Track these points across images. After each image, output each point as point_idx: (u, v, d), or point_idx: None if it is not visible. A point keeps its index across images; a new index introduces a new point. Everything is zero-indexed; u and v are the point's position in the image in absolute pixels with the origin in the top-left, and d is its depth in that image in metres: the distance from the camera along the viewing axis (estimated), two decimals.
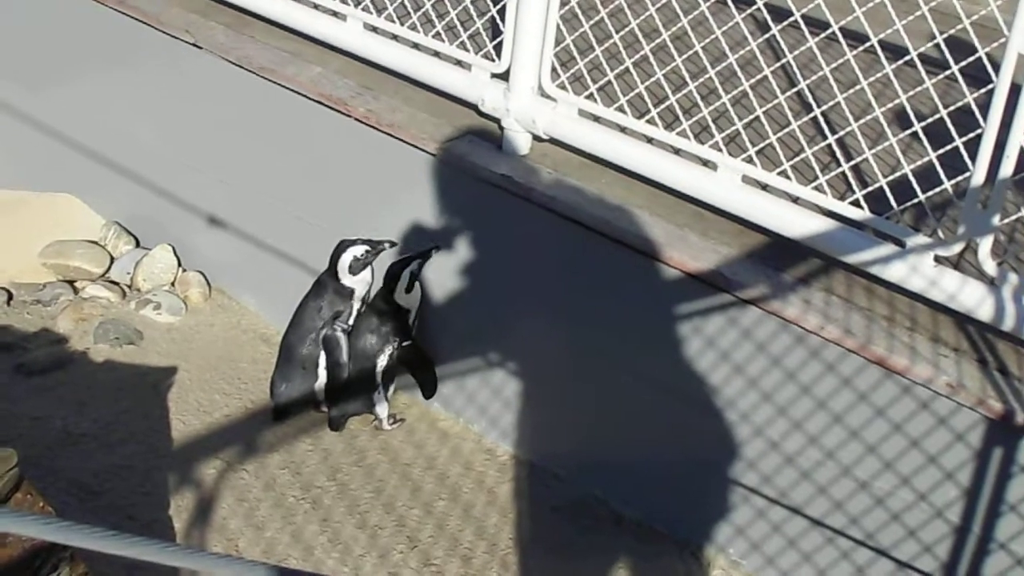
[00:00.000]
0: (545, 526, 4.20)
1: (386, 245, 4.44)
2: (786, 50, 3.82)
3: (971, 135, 3.35)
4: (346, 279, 4.49)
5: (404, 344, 4.51)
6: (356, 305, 4.53)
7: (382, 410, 4.58)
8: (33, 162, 6.01)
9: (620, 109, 4.09)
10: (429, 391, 4.63)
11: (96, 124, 5.69)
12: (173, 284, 5.46)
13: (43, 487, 3.71)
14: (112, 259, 5.61)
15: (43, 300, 5.32)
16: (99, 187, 5.77)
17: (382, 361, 4.51)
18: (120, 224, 5.73)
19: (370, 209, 4.67)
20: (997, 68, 3.27)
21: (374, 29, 4.74)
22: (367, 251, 4.43)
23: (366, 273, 4.48)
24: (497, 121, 4.37)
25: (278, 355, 4.68)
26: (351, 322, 4.53)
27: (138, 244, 5.70)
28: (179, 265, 5.52)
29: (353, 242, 4.45)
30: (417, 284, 4.47)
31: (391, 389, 4.61)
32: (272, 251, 5.10)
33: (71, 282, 5.50)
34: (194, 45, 5.12)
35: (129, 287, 5.48)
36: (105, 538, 1.45)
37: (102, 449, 4.37)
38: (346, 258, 4.45)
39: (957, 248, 3.46)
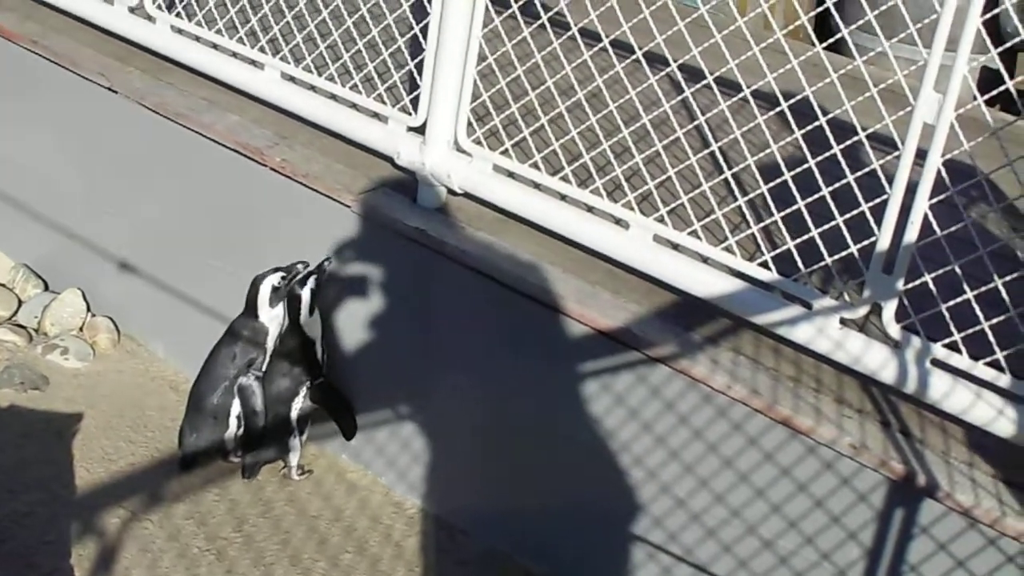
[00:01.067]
0: None
1: (299, 267, 4.41)
2: (699, 111, 3.87)
3: (877, 200, 3.41)
4: (265, 314, 4.46)
5: (316, 382, 4.48)
6: (270, 348, 4.49)
7: (294, 457, 4.56)
8: None
9: (535, 165, 4.11)
10: (349, 430, 4.59)
11: (6, 164, 5.63)
12: (81, 329, 5.40)
13: None
14: (20, 302, 5.53)
15: None
16: (8, 229, 5.70)
17: (297, 404, 4.48)
18: (28, 267, 5.66)
19: (284, 258, 4.63)
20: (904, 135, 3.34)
21: (292, 79, 4.74)
22: (283, 277, 4.40)
23: (279, 309, 4.45)
24: (412, 174, 4.38)
25: (187, 404, 4.63)
26: (264, 368, 4.50)
27: (47, 287, 5.63)
28: (88, 310, 5.45)
29: (266, 274, 4.43)
30: (316, 310, 4.45)
31: (305, 434, 4.58)
32: (183, 298, 5.06)
33: None
34: (109, 89, 5.09)
35: (36, 331, 5.41)
36: None
37: (4, 496, 4.29)
38: (264, 290, 4.42)
39: (862, 311, 3.51)
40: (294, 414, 4.50)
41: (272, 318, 4.47)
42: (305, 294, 4.37)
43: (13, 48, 5.40)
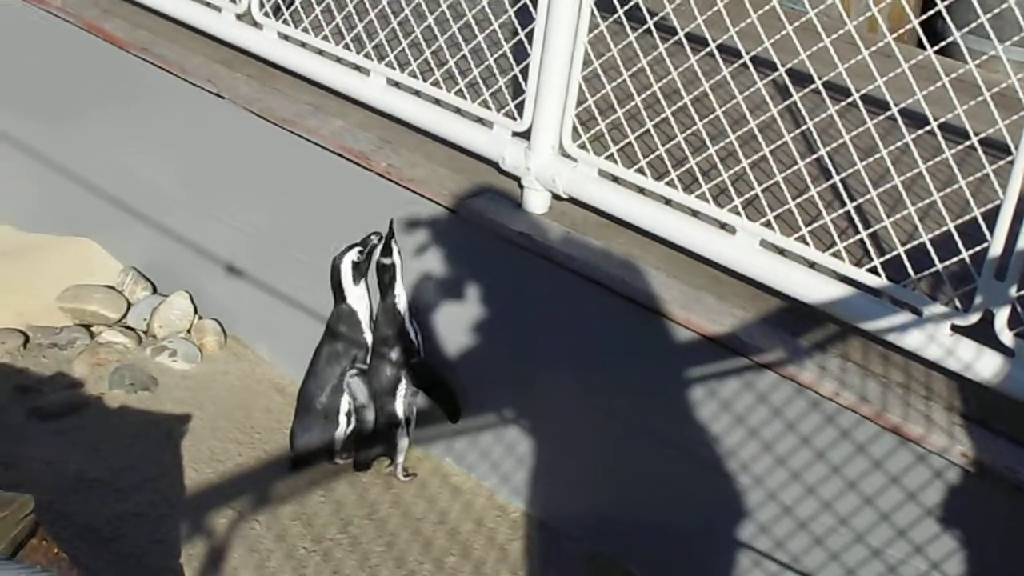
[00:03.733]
0: None
1: (373, 239, 4.45)
2: (805, 115, 3.84)
3: (990, 205, 3.37)
4: (351, 294, 4.52)
5: (414, 363, 4.51)
6: (368, 338, 4.53)
7: (401, 455, 4.60)
8: (52, 205, 6.05)
9: (639, 170, 4.11)
10: (452, 413, 4.59)
11: (116, 169, 5.73)
12: (189, 331, 5.48)
13: (56, 532, 3.72)
14: (129, 305, 5.64)
15: (59, 344, 5.34)
16: (117, 232, 5.80)
17: (401, 391, 4.52)
18: (138, 270, 5.76)
19: None
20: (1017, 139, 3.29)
21: (397, 84, 4.78)
22: (360, 251, 4.45)
23: (363, 287, 4.50)
24: (517, 179, 4.39)
25: (297, 405, 4.69)
26: (368, 361, 4.54)
27: (155, 290, 5.72)
28: (195, 312, 5.54)
29: (343, 252, 4.50)
30: (400, 284, 4.48)
31: (411, 428, 4.61)
32: (288, 301, 5.12)
33: (88, 326, 5.52)
34: (217, 95, 5.16)
35: (145, 333, 5.50)
36: None
37: (115, 495, 4.38)
38: (346, 268, 4.49)
39: (974, 318, 3.46)
40: (399, 404, 4.51)
41: (359, 297, 4.52)
42: (396, 259, 4.42)
43: (124, 56, 5.50)
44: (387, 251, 4.40)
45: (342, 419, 4.61)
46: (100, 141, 5.81)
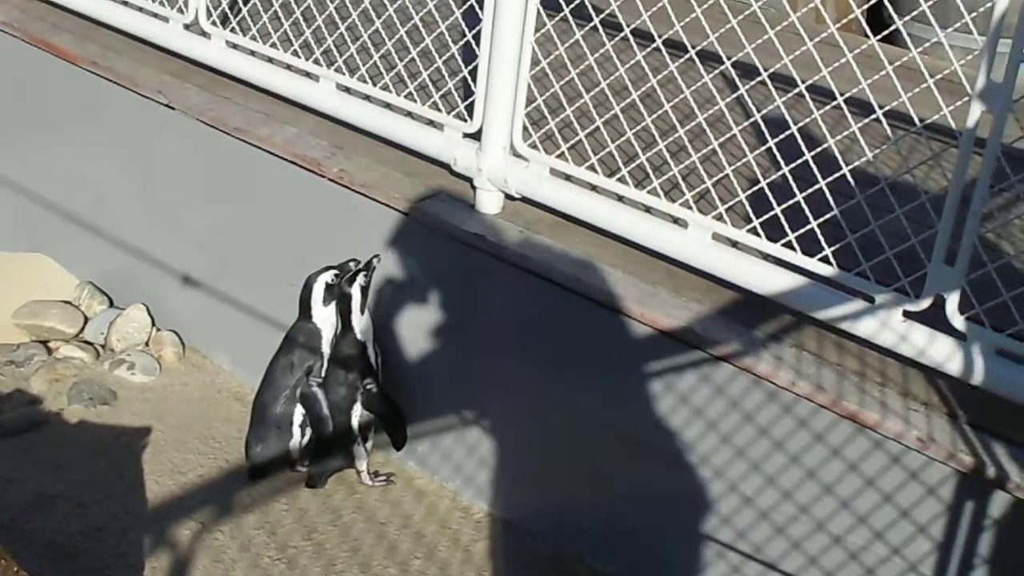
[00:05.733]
0: None
1: (351, 265, 4.43)
2: (754, 107, 3.86)
3: (937, 191, 3.39)
4: (319, 314, 4.48)
5: (369, 387, 4.50)
6: (327, 352, 4.52)
7: (362, 463, 4.58)
8: (5, 222, 6.02)
9: (591, 168, 4.12)
10: (398, 442, 4.60)
11: (69, 184, 5.70)
12: (147, 344, 5.46)
13: (17, 551, 3.69)
14: (86, 319, 5.61)
15: (16, 361, 5.31)
16: (72, 247, 5.77)
17: (356, 411, 4.51)
18: (94, 284, 5.73)
19: None
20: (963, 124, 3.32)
21: (347, 89, 4.77)
22: (336, 275, 4.43)
23: (332, 308, 4.47)
24: (469, 180, 4.40)
25: (251, 415, 4.67)
26: (323, 374, 4.53)
27: (112, 304, 5.70)
28: (153, 324, 5.52)
29: (319, 273, 4.46)
30: (367, 311, 4.47)
31: (370, 441, 4.60)
32: (246, 310, 5.10)
33: (45, 343, 5.49)
34: (167, 106, 5.15)
35: (103, 347, 5.48)
36: None
37: (76, 511, 4.34)
38: (318, 288, 4.46)
39: (925, 304, 3.49)
40: (355, 422, 4.52)
41: (325, 318, 4.49)
42: (355, 292, 4.40)
43: (73, 69, 5.48)
44: (351, 281, 4.39)
45: (296, 430, 4.59)
46: (52, 156, 5.78)
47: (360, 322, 4.45)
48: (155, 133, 5.31)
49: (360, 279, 4.39)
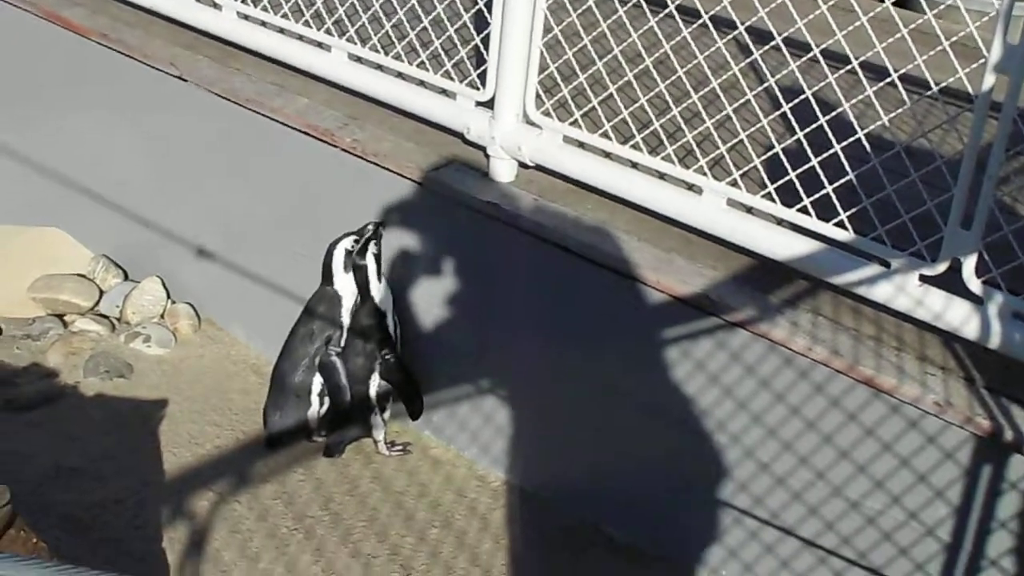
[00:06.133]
0: (538, 551, 4.21)
1: (370, 228, 4.43)
2: (768, 72, 3.84)
3: (953, 155, 3.38)
4: (339, 280, 4.49)
5: (387, 357, 4.51)
6: (346, 322, 4.52)
7: (379, 432, 4.59)
8: (20, 197, 6.01)
9: (605, 135, 4.11)
10: (414, 412, 4.62)
11: (82, 157, 5.70)
12: (162, 316, 5.46)
13: (35, 523, 3.70)
14: (101, 292, 5.61)
15: (32, 335, 5.32)
16: (87, 221, 5.77)
17: (374, 381, 4.52)
18: (108, 257, 5.73)
19: None
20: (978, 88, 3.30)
21: (359, 59, 4.76)
22: (355, 240, 4.42)
23: (352, 277, 4.47)
24: (483, 149, 4.39)
25: (270, 384, 4.69)
26: (343, 344, 4.53)
27: (127, 277, 5.70)
28: (168, 297, 5.52)
29: (339, 239, 4.46)
30: (386, 282, 4.48)
31: (387, 411, 4.61)
32: (260, 281, 5.10)
33: (60, 316, 5.49)
34: (179, 78, 5.14)
35: (118, 320, 5.48)
36: None
37: (94, 483, 4.36)
38: (338, 254, 4.46)
39: (941, 268, 3.48)
40: (373, 391, 4.53)
41: (346, 284, 4.49)
42: (369, 261, 4.40)
43: (85, 43, 5.47)
44: (363, 252, 4.39)
45: (314, 399, 4.61)
46: (64, 129, 5.78)
47: (379, 291, 4.45)
48: (167, 105, 5.31)
49: (371, 248, 4.39)
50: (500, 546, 4.20)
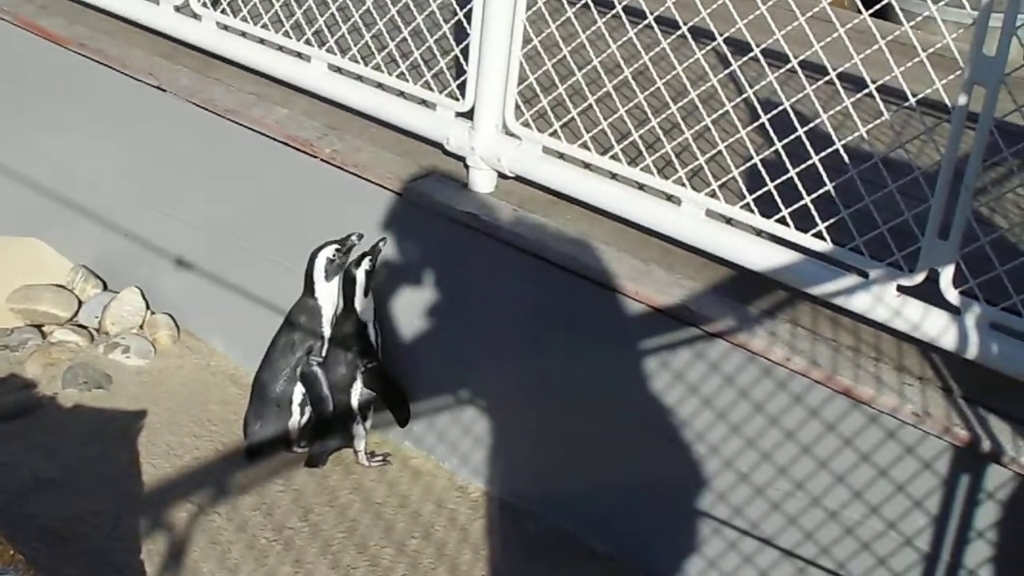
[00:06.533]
0: (518, 562, 4.21)
1: (353, 238, 4.43)
2: (747, 84, 3.85)
3: (930, 165, 3.39)
4: (321, 289, 4.48)
5: (370, 366, 4.50)
6: (327, 332, 4.52)
7: (360, 443, 4.59)
8: None
9: (584, 145, 4.11)
10: (401, 419, 4.61)
11: (61, 167, 5.68)
12: (142, 327, 5.45)
13: (12, 534, 3.69)
14: (80, 303, 5.59)
15: (10, 345, 5.30)
16: (65, 231, 5.76)
17: (356, 390, 4.51)
18: (87, 268, 5.72)
19: None
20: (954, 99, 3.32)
21: (339, 70, 4.76)
22: (337, 249, 4.42)
23: (335, 284, 4.47)
24: (463, 160, 4.39)
25: (251, 394, 4.68)
26: (324, 354, 4.53)
27: (106, 287, 5.68)
28: (147, 308, 5.50)
29: (321, 247, 4.45)
30: (370, 293, 4.47)
31: (368, 420, 4.61)
32: (240, 292, 5.10)
33: (39, 327, 5.47)
34: (158, 88, 5.13)
35: (97, 331, 5.47)
36: None
37: (72, 495, 4.34)
38: (320, 263, 4.45)
39: (919, 278, 3.49)
40: (354, 401, 4.52)
41: (328, 294, 4.49)
42: (360, 275, 4.40)
43: (63, 52, 5.46)
44: (357, 264, 4.40)
45: (295, 409, 4.60)
46: (43, 139, 5.77)
47: (362, 303, 4.45)
48: (146, 115, 5.30)
49: (365, 263, 4.39)
50: (480, 557, 4.20)
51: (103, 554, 4.06)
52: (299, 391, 4.57)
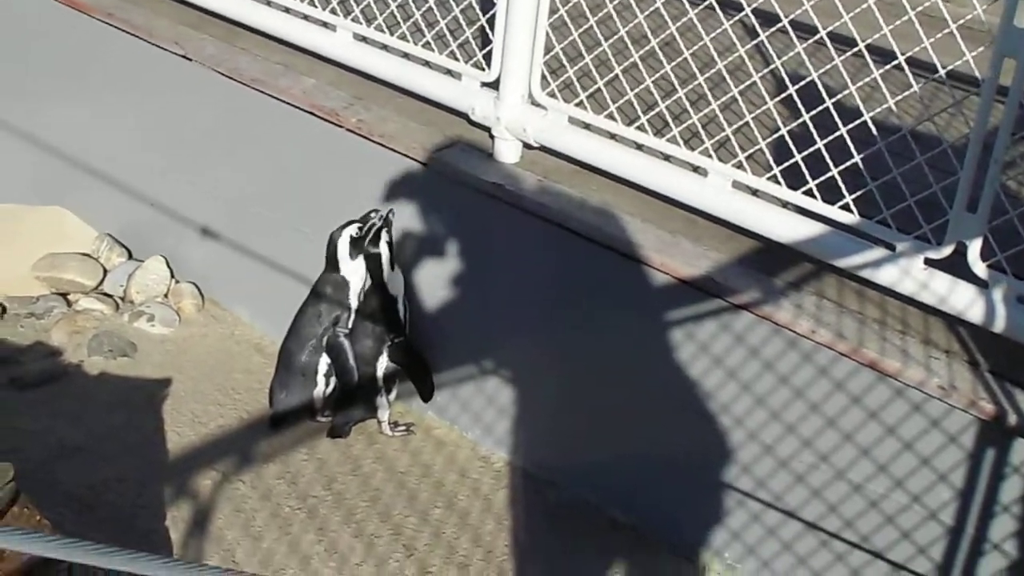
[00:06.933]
0: (541, 533, 4.22)
1: (373, 216, 4.43)
2: (774, 55, 3.84)
3: (958, 138, 3.37)
4: (346, 268, 4.49)
5: (396, 340, 4.51)
6: (353, 304, 4.53)
7: (384, 413, 4.60)
8: (24, 176, 6.01)
9: (610, 116, 4.11)
10: (426, 393, 4.63)
11: (86, 136, 5.69)
12: (166, 295, 5.46)
13: (39, 500, 3.69)
14: (105, 271, 5.61)
15: (37, 313, 5.32)
16: (91, 200, 5.77)
17: (382, 363, 4.52)
18: (112, 236, 5.73)
19: None
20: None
21: (364, 39, 4.76)
22: (359, 227, 4.42)
23: (360, 262, 4.47)
24: (488, 130, 4.38)
25: (277, 363, 4.69)
26: (350, 325, 4.54)
27: (131, 256, 5.70)
28: (172, 276, 5.52)
29: (343, 227, 4.46)
30: (396, 266, 4.48)
31: (393, 392, 4.62)
32: (265, 261, 5.10)
33: (64, 295, 5.50)
34: (184, 57, 5.13)
35: (122, 299, 5.48)
36: (106, 554, 1.46)
37: (98, 462, 4.36)
38: (343, 243, 4.46)
39: (946, 251, 3.48)
40: (380, 374, 4.54)
41: (353, 271, 4.49)
42: (383, 250, 4.40)
43: (89, 21, 5.46)
44: (375, 241, 4.39)
45: (320, 379, 4.62)
46: (69, 108, 5.77)
47: (391, 277, 4.46)
48: (172, 85, 5.30)
49: (384, 235, 4.39)
50: (503, 527, 4.21)
51: (128, 520, 4.08)
52: (324, 361, 4.58)
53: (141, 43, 5.30)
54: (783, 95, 3.80)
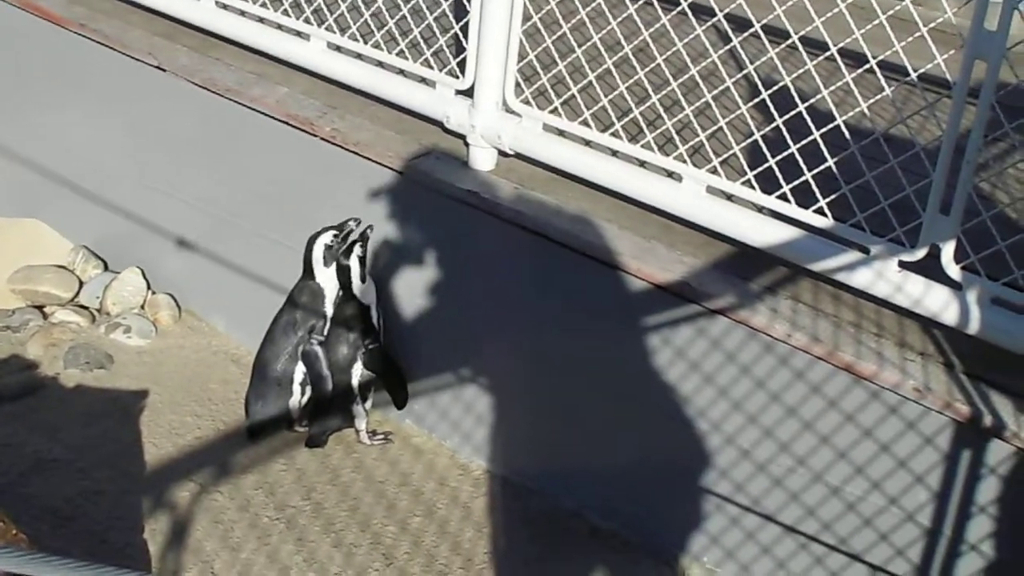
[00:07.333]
0: (520, 540, 4.21)
1: (351, 224, 4.43)
2: (747, 60, 3.85)
3: (931, 140, 3.38)
4: (321, 275, 4.49)
5: (371, 347, 4.51)
6: (329, 312, 4.52)
7: (361, 422, 4.59)
8: None
9: (584, 123, 4.11)
10: (399, 401, 4.62)
11: (61, 147, 5.68)
12: (143, 307, 5.45)
13: (15, 514, 3.69)
14: (81, 283, 5.59)
15: (12, 326, 5.30)
16: (66, 211, 5.75)
17: (357, 370, 4.51)
18: (88, 248, 5.71)
19: None
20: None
21: (338, 48, 4.76)
22: (335, 235, 4.42)
23: (333, 271, 4.47)
24: (463, 137, 4.38)
25: (252, 373, 4.68)
26: (325, 333, 4.53)
27: (107, 268, 5.68)
28: (148, 288, 5.50)
29: (318, 233, 4.46)
30: (369, 277, 4.48)
31: (369, 400, 4.61)
32: (240, 272, 5.09)
33: (40, 307, 5.48)
34: (158, 68, 5.12)
35: (99, 311, 5.47)
36: (81, 569, 1.46)
37: (74, 475, 4.35)
38: (318, 250, 4.46)
39: (920, 253, 3.49)
40: (355, 381, 4.53)
41: (328, 278, 4.49)
42: (353, 263, 4.39)
43: (62, 33, 5.45)
44: (347, 253, 4.39)
45: (296, 388, 4.61)
46: (42, 120, 5.76)
47: (361, 289, 4.45)
48: (146, 95, 5.29)
49: (356, 250, 4.39)
50: (482, 534, 4.20)
51: (106, 533, 4.06)
52: (300, 370, 4.58)
53: (115, 54, 5.29)
54: (756, 100, 3.81)
